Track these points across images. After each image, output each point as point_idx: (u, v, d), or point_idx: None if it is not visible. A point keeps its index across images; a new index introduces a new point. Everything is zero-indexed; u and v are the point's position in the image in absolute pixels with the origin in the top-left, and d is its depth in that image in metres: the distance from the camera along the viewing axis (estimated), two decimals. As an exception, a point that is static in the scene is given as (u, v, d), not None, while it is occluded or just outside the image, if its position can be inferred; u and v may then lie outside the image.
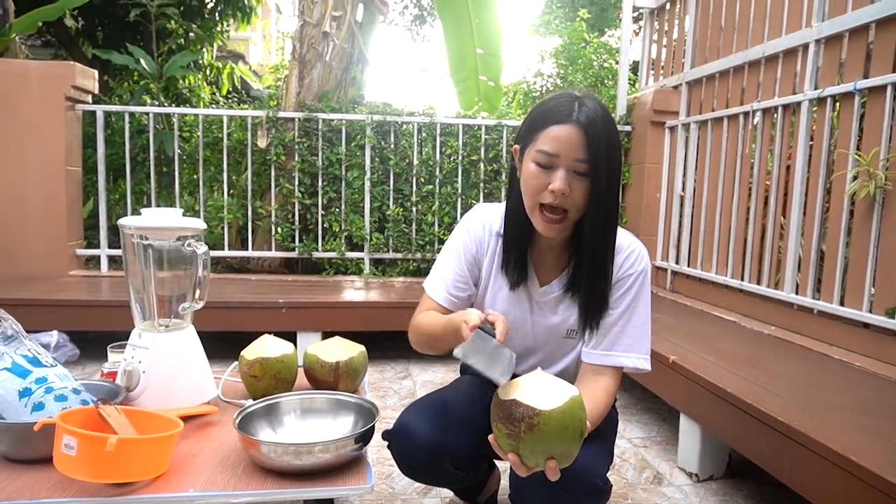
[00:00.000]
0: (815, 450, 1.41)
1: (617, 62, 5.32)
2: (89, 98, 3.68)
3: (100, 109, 3.63)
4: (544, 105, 1.22)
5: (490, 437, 1.03)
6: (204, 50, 5.72)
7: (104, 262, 3.68)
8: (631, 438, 2.31)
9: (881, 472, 1.24)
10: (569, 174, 1.16)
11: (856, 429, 1.50)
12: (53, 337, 2.81)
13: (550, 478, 1.01)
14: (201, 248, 1.39)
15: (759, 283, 2.85)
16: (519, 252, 1.31)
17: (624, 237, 1.31)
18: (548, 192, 1.17)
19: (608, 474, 1.22)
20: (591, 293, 1.27)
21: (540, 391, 1.00)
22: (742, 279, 2.96)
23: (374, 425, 1.24)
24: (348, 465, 1.19)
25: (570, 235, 1.29)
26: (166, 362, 1.39)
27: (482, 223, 1.37)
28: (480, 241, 1.36)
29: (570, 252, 1.32)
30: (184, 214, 1.45)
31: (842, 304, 2.37)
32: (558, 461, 1.00)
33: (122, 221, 1.41)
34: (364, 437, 1.20)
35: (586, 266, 1.25)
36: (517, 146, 1.26)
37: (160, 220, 1.40)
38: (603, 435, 1.30)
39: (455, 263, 1.36)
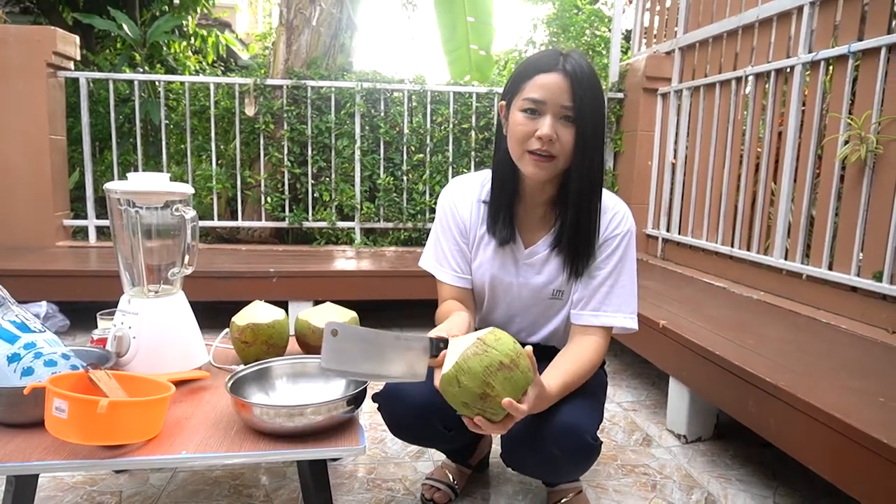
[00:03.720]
0: (801, 409, 1.44)
1: (609, 30, 5.25)
2: (71, 65, 3.59)
3: (83, 76, 3.55)
4: (529, 59, 1.23)
5: None
6: (189, 17, 5.58)
7: (92, 233, 3.64)
8: (621, 402, 2.34)
9: (865, 428, 1.26)
10: (555, 120, 1.17)
11: (842, 388, 1.53)
12: (42, 307, 2.80)
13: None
14: (189, 213, 1.37)
15: (748, 249, 2.87)
16: (507, 208, 1.32)
17: (609, 198, 1.32)
18: (535, 139, 1.18)
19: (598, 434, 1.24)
20: (578, 240, 1.27)
21: (452, 354, 1.03)
22: (732, 246, 2.98)
23: (365, 387, 1.24)
24: (340, 427, 1.20)
25: (556, 194, 1.29)
26: (156, 328, 1.38)
27: (463, 196, 1.38)
28: (462, 212, 1.37)
29: (556, 212, 1.32)
30: (171, 182, 1.43)
31: (830, 268, 2.39)
32: (472, 410, 1.02)
33: (108, 186, 1.39)
34: (356, 400, 1.21)
35: (572, 215, 1.26)
36: (503, 102, 1.27)
37: (147, 185, 1.38)
38: (593, 394, 1.31)
39: (449, 242, 1.38)
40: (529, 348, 1.03)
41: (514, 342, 1.03)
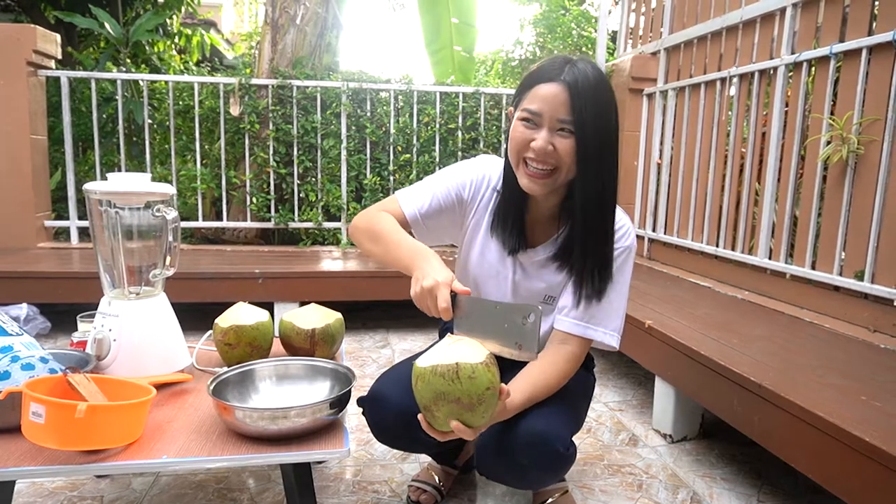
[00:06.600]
0: (784, 407, 1.45)
1: (596, 31, 5.27)
2: (52, 64, 3.54)
3: (64, 75, 3.50)
4: (537, 66, 1.20)
5: None
6: (173, 16, 5.52)
7: (74, 234, 3.59)
8: (607, 402, 2.35)
9: (847, 426, 1.27)
10: (551, 133, 1.15)
11: (824, 387, 1.54)
12: (23, 310, 2.75)
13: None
14: (171, 214, 1.36)
15: (733, 249, 2.89)
16: (516, 215, 1.29)
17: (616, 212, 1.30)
18: (530, 149, 1.16)
19: (579, 439, 1.23)
20: (588, 256, 1.23)
21: (438, 354, 1.02)
22: (717, 245, 3.00)
23: (350, 390, 1.23)
24: (324, 429, 1.19)
25: (563, 201, 1.27)
26: (137, 330, 1.36)
27: (484, 173, 1.34)
28: (478, 189, 1.33)
29: (562, 220, 1.30)
30: (153, 183, 1.41)
31: (813, 268, 2.41)
32: (426, 413, 1.04)
33: (87, 186, 1.36)
34: (340, 402, 1.20)
35: (580, 230, 1.22)
36: (511, 108, 1.25)
37: (127, 185, 1.35)
38: (570, 401, 1.30)
39: (443, 194, 1.30)
40: (506, 389, 1.03)
41: (491, 385, 0.98)
